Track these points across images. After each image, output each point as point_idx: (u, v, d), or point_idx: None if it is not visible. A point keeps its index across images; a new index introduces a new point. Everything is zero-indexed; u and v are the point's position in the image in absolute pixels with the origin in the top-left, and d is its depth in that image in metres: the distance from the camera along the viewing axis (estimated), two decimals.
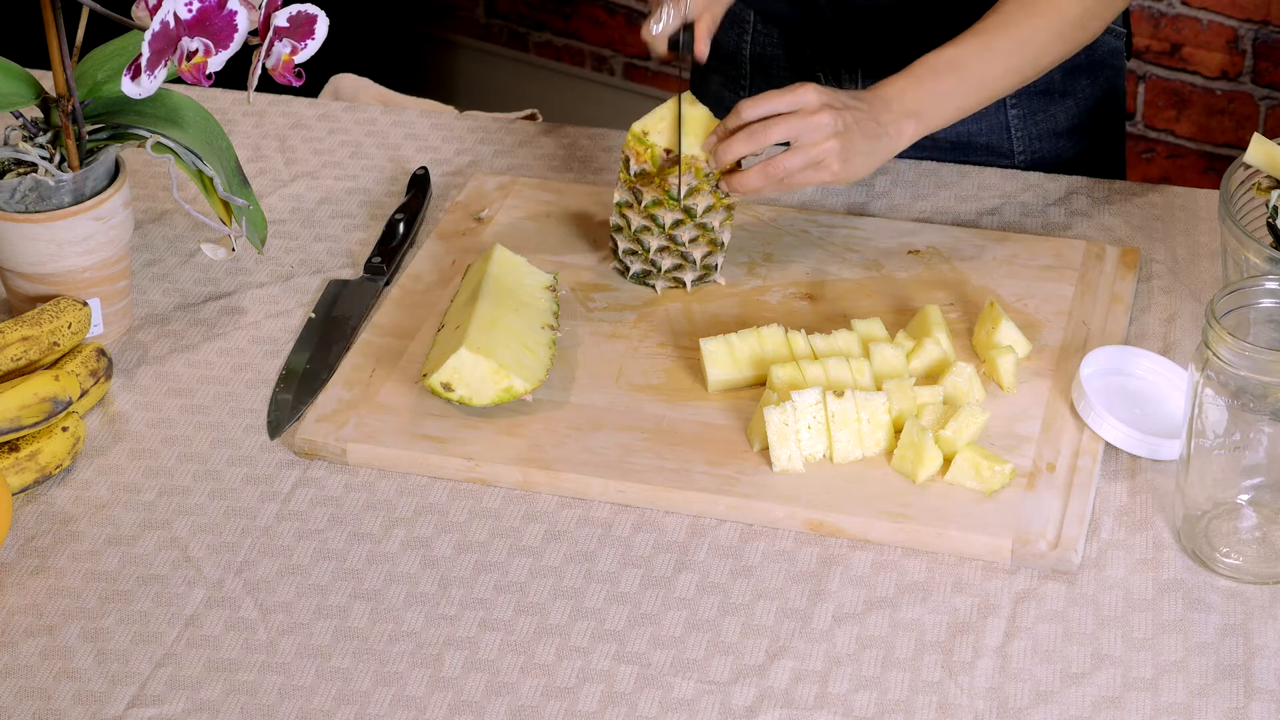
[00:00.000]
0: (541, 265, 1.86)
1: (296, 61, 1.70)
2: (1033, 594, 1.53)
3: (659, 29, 1.82)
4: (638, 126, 1.80)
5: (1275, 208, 1.67)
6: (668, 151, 1.78)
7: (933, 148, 2.02)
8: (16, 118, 1.74)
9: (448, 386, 1.66)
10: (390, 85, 2.32)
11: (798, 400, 1.61)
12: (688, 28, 1.82)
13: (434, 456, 1.65)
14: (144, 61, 1.63)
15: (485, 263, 1.78)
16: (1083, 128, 2.07)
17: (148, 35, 1.61)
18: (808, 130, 1.73)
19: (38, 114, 1.76)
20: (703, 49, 1.83)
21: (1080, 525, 1.57)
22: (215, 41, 1.64)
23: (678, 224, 1.79)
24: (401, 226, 1.91)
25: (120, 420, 1.73)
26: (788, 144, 1.75)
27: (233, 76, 1.79)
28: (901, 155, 1.97)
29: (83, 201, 1.75)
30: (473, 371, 1.65)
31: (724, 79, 2.14)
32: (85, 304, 1.73)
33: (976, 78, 1.80)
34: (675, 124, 1.79)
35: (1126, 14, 2.09)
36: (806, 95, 1.73)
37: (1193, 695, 1.45)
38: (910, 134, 1.77)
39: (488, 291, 1.74)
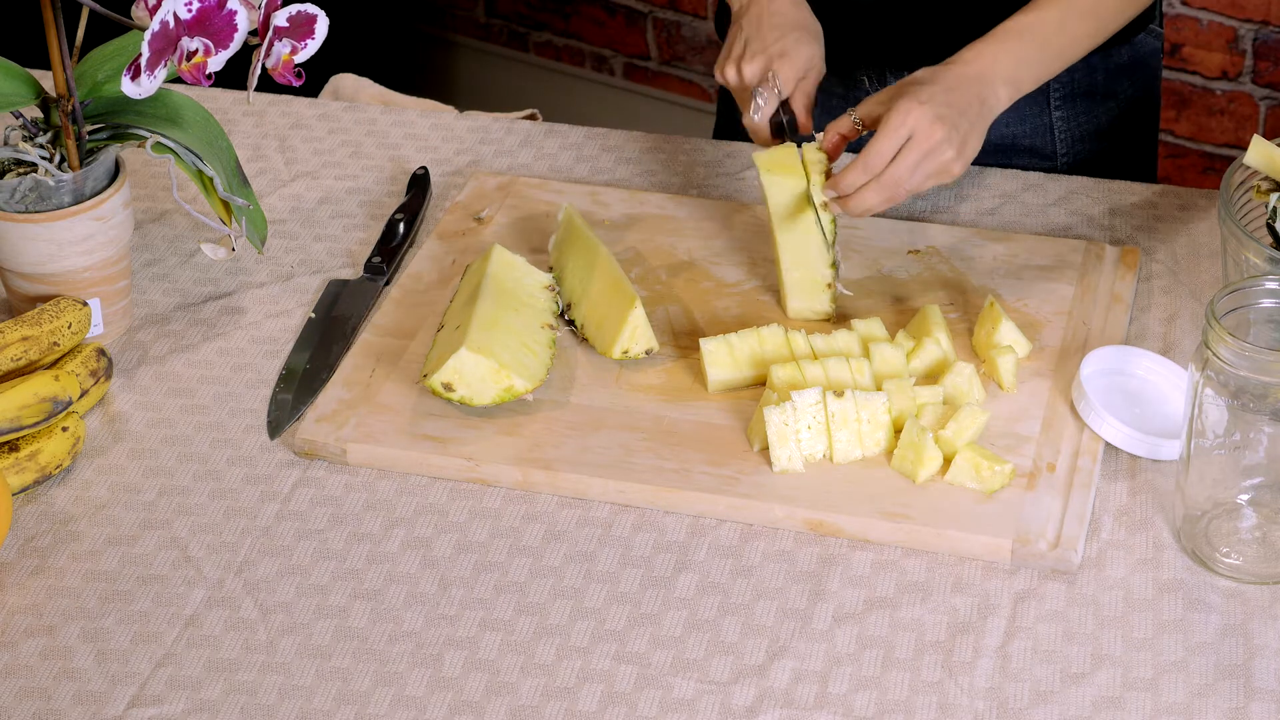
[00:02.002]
0: (541, 265, 1.86)
1: (296, 61, 1.70)
2: (1033, 594, 1.53)
3: (759, 116, 1.81)
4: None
5: (1275, 209, 1.67)
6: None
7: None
8: (16, 118, 1.74)
9: (448, 386, 1.66)
10: (390, 85, 2.32)
11: (798, 400, 1.61)
12: (785, 106, 1.81)
13: (434, 456, 1.65)
14: (144, 61, 1.63)
15: (485, 263, 1.78)
16: (1122, 129, 2.07)
17: (148, 35, 1.61)
18: (932, 152, 1.70)
19: (38, 114, 1.76)
20: (807, 122, 1.82)
21: (1080, 525, 1.57)
22: (215, 41, 1.64)
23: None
24: (401, 226, 1.91)
25: (120, 420, 1.73)
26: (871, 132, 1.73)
27: (233, 76, 1.79)
28: None
29: (83, 201, 1.75)
30: (473, 371, 1.65)
31: None
32: (85, 304, 1.73)
33: (1057, 42, 1.80)
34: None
35: (1161, 15, 2.08)
36: (912, 115, 1.70)
37: (1193, 695, 1.45)
38: (1005, 101, 1.76)
39: (487, 291, 1.74)
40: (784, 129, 1.80)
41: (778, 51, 1.82)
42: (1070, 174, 2.03)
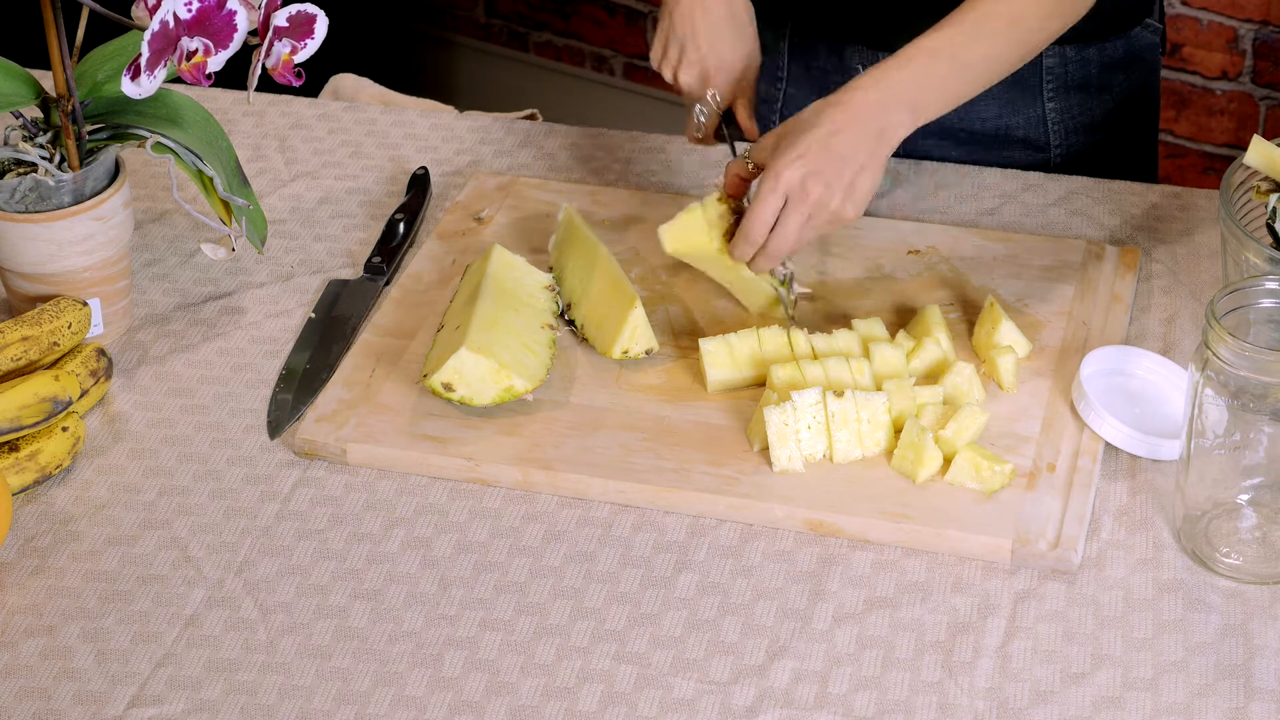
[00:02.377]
0: (541, 265, 1.86)
1: (296, 61, 1.70)
2: (1033, 594, 1.53)
3: (700, 134, 1.81)
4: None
5: (1275, 209, 1.67)
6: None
7: (970, 141, 2.02)
8: (16, 118, 1.74)
9: (448, 386, 1.66)
10: (390, 85, 2.33)
11: (798, 400, 1.61)
12: (727, 118, 1.81)
13: (434, 456, 1.65)
14: (144, 61, 1.63)
15: (484, 263, 1.78)
16: (1118, 123, 2.06)
17: (148, 35, 1.61)
18: (815, 210, 1.67)
19: (38, 114, 1.76)
20: (751, 128, 1.82)
21: (1080, 525, 1.57)
22: (215, 41, 1.64)
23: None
24: (401, 226, 1.91)
25: (120, 420, 1.73)
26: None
27: (233, 76, 1.79)
28: (938, 152, 1.97)
29: (83, 201, 1.75)
30: (473, 371, 1.65)
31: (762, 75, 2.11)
32: (85, 304, 1.73)
33: (968, 60, 1.73)
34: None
35: (1162, 10, 2.08)
36: (783, 179, 1.66)
37: (1193, 695, 1.45)
38: (906, 127, 1.70)
39: (487, 291, 1.74)
40: (726, 137, 1.83)
41: (714, 63, 1.82)
42: (1065, 167, 2.03)
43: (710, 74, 1.84)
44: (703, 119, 1.83)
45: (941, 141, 2.02)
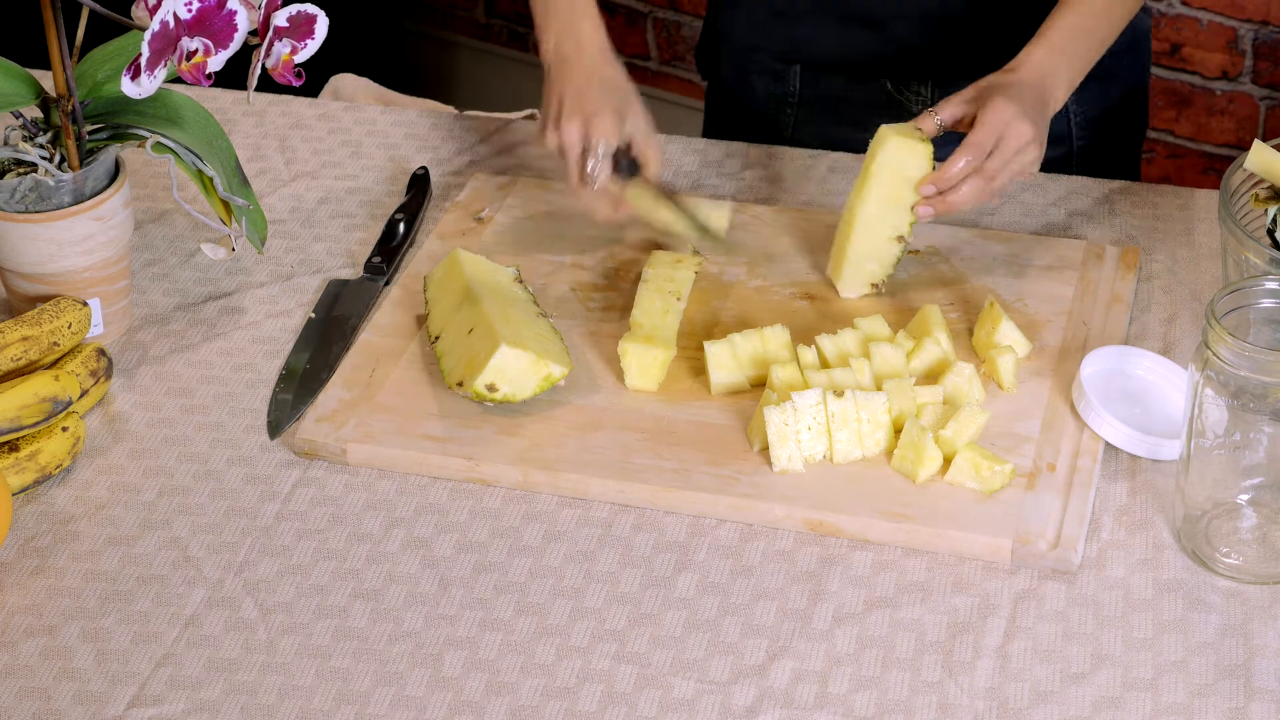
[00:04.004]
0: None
1: (296, 61, 1.70)
2: (1033, 594, 1.53)
3: (597, 185, 1.77)
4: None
5: (1276, 218, 1.67)
6: None
7: None
8: (16, 118, 1.74)
9: (492, 388, 1.65)
10: (390, 85, 2.33)
11: (798, 400, 1.61)
12: (622, 153, 1.79)
13: (434, 456, 1.65)
14: (144, 61, 1.63)
15: (455, 267, 1.78)
16: (1123, 109, 2.07)
17: (148, 35, 1.61)
18: (1022, 149, 1.72)
19: (38, 114, 1.76)
20: (655, 169, 1.80)
21: (1080, 525, 1.57)
22: (215, 41, 1.64)
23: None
24: (401, 226, 1.91)
25: (120, 420, 1.73)
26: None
27: (233, 76, 1.79)
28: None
29: (83, 201, 1.75)
30: (514, 366, 1.65)
31: (771, 99, 2.12)
32: (85, 304, 1.73)
33: (1101, 31, 1.82)
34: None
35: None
36: (1007, 113, 1.72)
37: (1193, 695, 1.45)
38: (1063, 101, 1.79)
39: (483, 292, 1.74)
40: (623, 169, 1.79)
41: (592, 111, 1.78)
42: (1081, 157, 2.04)
43: (589, 121, 1.79)
44: (594, 171, 1.76)
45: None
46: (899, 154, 1.74)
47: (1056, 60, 1.78)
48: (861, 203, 1.77)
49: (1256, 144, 1.68)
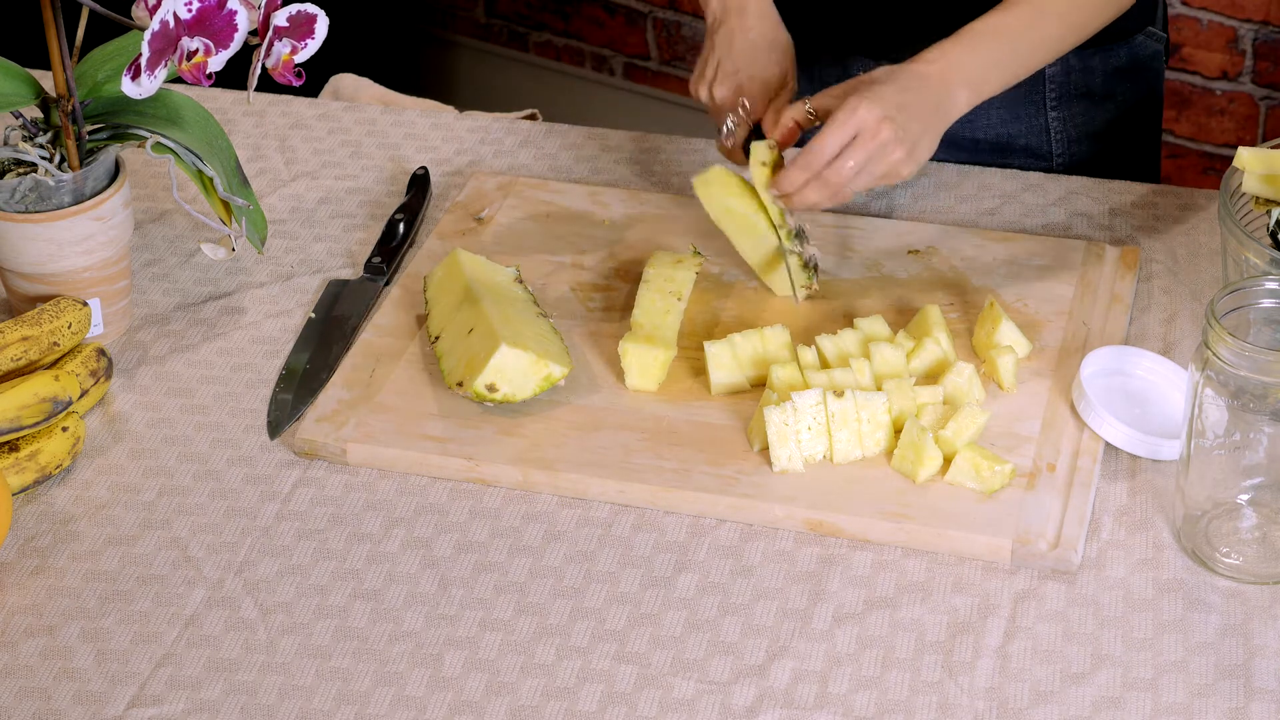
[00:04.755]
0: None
1: (296, 61, 1.70)
2: (1033, 594, 1.53)
3: (730, 143, 1.81)
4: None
5: (1278, 219, 1.67)
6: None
7: (973, 149, 2.02)
8: (16, 118, 1.74)
9: (492, 388, 1.65)
10: (390, 85, 2.32)
11: (798, 400, 1.61)
12: (756, 132, 1.81)
13: (434, 456, 1.65)
14: (144, 61, 1.63)
15: (455, 267, 1.78)
16: (1121, 131, 2.06)
17: (148, 35, 1.61)
18: (878, 152, 1.69)
19: (38, 114, 1.76)
20: (775, 137, 1.81)
21: (1080, 525, 1.57)
22: (215, 41, 1.64)
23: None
24: (401, 226, 1.91)
25: (120, 420, 1.73)
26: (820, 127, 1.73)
27: (233, 76, 1.79)
28: (940, 158, 1.96)
29: (83, 201, 1.75)
30: (514, 366, 1.65)
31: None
32: (85, 304, 1.73)
33: (1027, 43, 1.76)
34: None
35: (1165, 18, 2.07)
36: (859, 113, 1.68)
37: (1193, 695, 1.45)
38: (964, 105, 1.74)
39: (484, 292, 1.74)
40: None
41: (747, 76, 1.82)
42: (1070, 174, 2.03)
43: (744, 85, 1.82)
44: (733, 126, 1.81)
45: (944, 149, 2.02)
46: (717, 191, 1.77)
47: (965, 58, 1.74)
48: (733, 238, 1.80)
49: (1237, 159, 1.68)
